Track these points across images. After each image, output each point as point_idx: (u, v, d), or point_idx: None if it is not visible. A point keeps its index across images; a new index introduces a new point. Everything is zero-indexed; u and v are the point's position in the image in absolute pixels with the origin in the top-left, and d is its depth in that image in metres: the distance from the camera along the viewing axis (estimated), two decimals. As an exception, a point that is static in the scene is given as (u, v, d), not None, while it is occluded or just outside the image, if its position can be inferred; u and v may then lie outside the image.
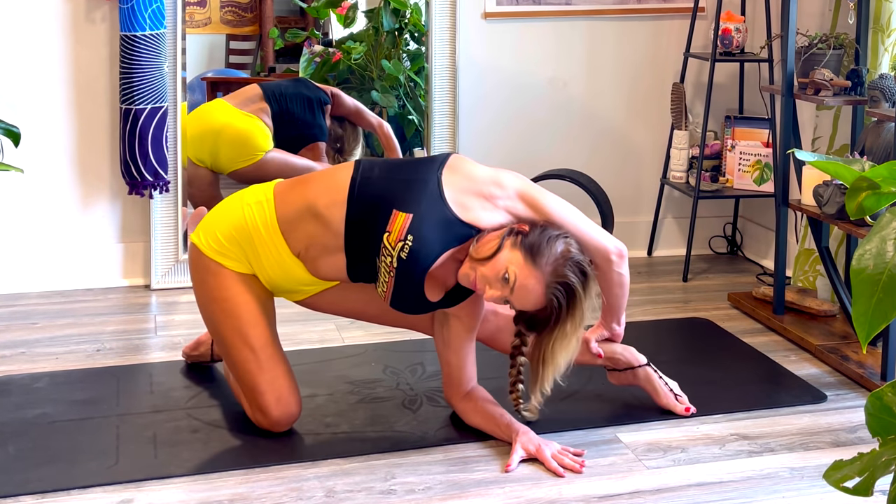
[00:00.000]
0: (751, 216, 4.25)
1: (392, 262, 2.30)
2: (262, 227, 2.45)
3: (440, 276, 2.39)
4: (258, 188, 2.54)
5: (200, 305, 2.57)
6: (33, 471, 2.36)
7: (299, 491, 2.30)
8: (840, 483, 1.32)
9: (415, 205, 2.30)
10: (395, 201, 2.32)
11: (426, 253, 2.30)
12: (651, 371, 2.71)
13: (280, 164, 3.82)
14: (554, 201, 2.39)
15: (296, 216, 2.44)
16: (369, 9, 4.16)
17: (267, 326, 2.52)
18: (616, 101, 4.12)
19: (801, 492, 2.33)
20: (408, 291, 2.36)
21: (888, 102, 3.09)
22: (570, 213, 2.39)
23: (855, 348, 3.10)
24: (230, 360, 2.53)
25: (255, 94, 3.89)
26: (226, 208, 2.54)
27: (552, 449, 2.43)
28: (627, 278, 2.48)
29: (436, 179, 2.34)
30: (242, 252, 2.48)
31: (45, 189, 3.63)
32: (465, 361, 2.55)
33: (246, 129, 3.84)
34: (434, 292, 2.40)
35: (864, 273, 1.31)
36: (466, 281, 2.32)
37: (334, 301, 2.60)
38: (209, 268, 2.50)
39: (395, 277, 2.33)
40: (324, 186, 2.45)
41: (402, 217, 2.29)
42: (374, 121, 4.02)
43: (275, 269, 2.48)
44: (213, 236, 2.50)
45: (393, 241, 2.29)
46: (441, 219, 2.31)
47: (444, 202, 2.32)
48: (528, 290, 2.27)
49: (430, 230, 2.29)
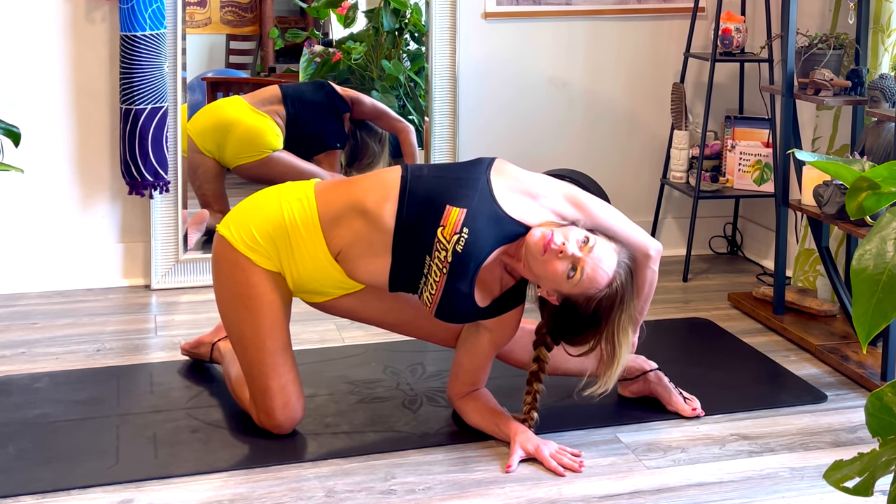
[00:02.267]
0: (751, 216, 4.25)
1: (447, 257, 2.32)
2: (302, 224, 2.43)
3: (488, 279, 2.40)
4: (296, 186, 2.52)
5: (221, 299, 2.53)
6: (33, 471, 2.36)
7: (299, 491, 2.30)
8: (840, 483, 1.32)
9: (468, 200, 2.34)
10: (448, 197, 2.35)
11: (481, 246, 2.32)
12: (662, 374, 2.72)
13: (286, 166, 3.83)
14: (597, 201, 2.45)
15: (340, 214, 2.42)
16: (369, 9, 4.16)
17: (286, 331, 2.51)
18: (616, 101, 4.12)
19: (801, 492, 2.33)
20: (459, 291, 2.35)
21: (888, 102, 3.09)
22: (613, 212, 2.46)
23: (855, 348, 3.10)
24: (244, 357, 2.51)
25: (273, 96, 3.90)
26: (261, 203, 2.50)
27: (550, 448, 2.43)
28: (656, 279, 2.52)
29: (485, 179, 2.38)
30: (275, 249, 2.45)
31: (45, 189, 3.63)
32: (477, 369, 2.56)
33: (256, 125, 3.85)
34: (482, 297, 2.41)
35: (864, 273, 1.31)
36: (538, 244, 2.29)
37: (353, 307, 2.59)
38: (238, 262, 2.46)
39: (449, 273, 2.33)
40: (371, 185, 2.45)
41: (457, 212, 2.32)
42: (398, 125, 4.03)
43: (308, 269, 2.45)
44: (246, 230, 2.46)
45: (448, 234, 2.31)
46: (492, 215, 2.34)
47: (493, 199, 2.36)
48: (604, 257, 2.30)
49: (483, 224, 2.33)
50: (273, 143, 3.86)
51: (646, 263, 2.46)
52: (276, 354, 2.48)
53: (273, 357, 2.48)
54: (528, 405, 2.52)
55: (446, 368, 2.67)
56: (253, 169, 3.84)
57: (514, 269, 2.43)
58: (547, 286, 2.35)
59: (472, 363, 2.55)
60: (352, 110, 3.98)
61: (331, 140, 3.99)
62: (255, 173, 3.85)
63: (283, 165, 3.83)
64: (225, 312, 2.53)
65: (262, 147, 3.85)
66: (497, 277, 2.43)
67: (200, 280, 3.70)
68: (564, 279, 2.29)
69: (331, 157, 4.02)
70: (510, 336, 2.53)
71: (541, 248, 2.28)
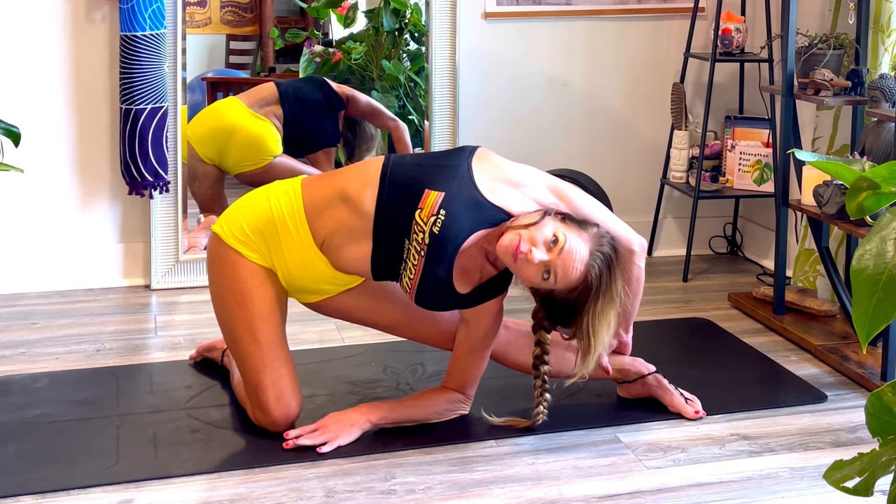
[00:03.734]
0: (751, 216, 4.25)
1: (424, 239, 2.33)
2: (289, 215, 2.46)
3: (468, 266, 2.40)
4: (285, 181, 2.55)
5: (214, 296, 2.55)
6: (33, 471, 2.36)
7: (299, 491, 2.30)
8: (840, 483, 1.32)
9: (446, 185, 2.36)
10: (427, 182, 2.37)
11: (458, 229, 2.33)
12: (661, 376, 2.72)
13: (287, 171, 3.82)
14: (580, 194, 2.47)
15: (324, 203, 2.45)
16: (369, 9, 4.16)
17: (278, 324, 2.52)
18: (616, 101, 4.12)
19: (801, 492, 2.33)
20: (437, 275, 2.36)
21: (888, 102, 3.09)
22: (596, 206, 2.46)
23: (855, 348, 3.10)
24: (237, 353, 2.52)
25: (270, 96, 3.89)
26: (251, 200, 2.53)
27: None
28: (643, 275, 2.53)
29: (466, 166, 2.40)
30: (265, 244, 2.47)
31: (45, 189, 3.63)
32: (461, 367, 2.56)
33: (258, 132, 3.85)
34: (462, 284, 2.41)
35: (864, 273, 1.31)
36: (507, 250, 2.29)
37: (348, 308, 2.60)
38: (228, 257, 2.48)
39: (427, 257, 2.34)
40: (354, 174, 2.49)
41: (434, 195, 2.34)
42: (392, 123, 4.03)
43: (296, 263, 2.47)
44: (236, 226, 2.49)
45: (425, 216, 2.33)
46: (472, 199, 2.36)
47: (474, 186, 2.37)
48: (574, 255, 2.29)
49: (461, 208, 2.34)
50: (274, 149, 3.86)
51: (631, 259, 2.47)
52: (266, 348, 2.48)
53: (264, 350, 2.48)
54: (539, 388, 2.52)
55: (446, 368, 2.67)
56: (254, 176, 3.84)
57: (496, 260, 2.42)
58: (527, 284, 2.38)
59: (456, 361, 2.56)
60: (347, 107, 3.98)
61: (328, 139, 3.99)
62: (257, 180, 3.84)
63: (284, 171, 3.83)
64: (219, 311, 2.55)
65: (263, 155, 3.85)
66: (478, 265, 2.42)
67: (200, 280, 3.70)
68: (540, 280, 2.32)
69: (327, 154, 4.02)
70: (489, 329, 2.51)
71: (511, 256, 2.29)
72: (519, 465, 2.42)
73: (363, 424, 2.52)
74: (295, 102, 3.91)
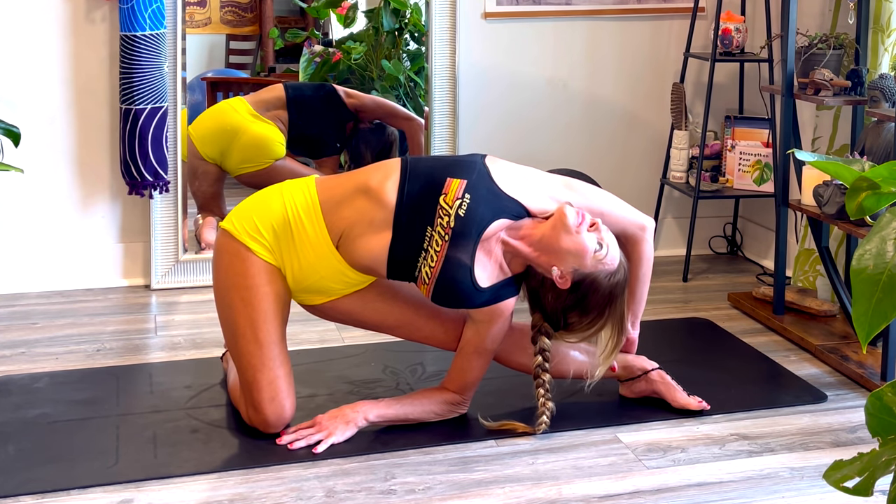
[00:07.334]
0: (751, 216, 4.25)
1: (449, 223, 2.39)
2: (303, 211, 2.47)
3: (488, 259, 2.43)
4: (297, 180, 2.58)
5: (218, 290, 2.54)
6: (33, 471, 2.36)
7: (299, 491, 2.30)
8: (840, 483, 1.32)
9: (467, 175, 2.45)
10: (448, 172, 2.46)
11: (482, 213, 2.40)
12: (664, 372, 2.74)
13: (288, 173, 3.82)
14: (589, 186, 2.58)
15: (342, 197, 2.48)
16: (369, 9, 4.16)
17: (279, 325, 2.51)
18: (616, 101, 4.12)
19: (801, 492, 2.33)
20: (460, 262, 2.39)
21: (888, 102, 3.09)
22: (605, 195, 2.58)
23: (855, 348, 3.10)
24: (236, 349, 2.51)
25: (277, 100, 3.89)
26: (264, 198, 2.54)
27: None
28: (652, 255, 2.63)
29: (481, 162, 2.49)
30: (277, 242, 2.47)
31: (45, 189, 3.63)
32: (463, 368, 2.56)
33: (262, 134, 3.85)
34: (481, 276, 2.43)
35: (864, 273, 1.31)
36: (574, 217, 2.37)
37: (353, 309, 2.60)
38: (238, 252, 2.48)
39: (451, 241, 2.38)
40: (373, 170, 2.54)
41: (458, 182, 2.43)
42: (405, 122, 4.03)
43: (309, 260, 2.47)
44: (249, 222, 2.49)
45: (451, 200, 2.40)
46: (491, 190, 2.44)
47: (491, 179, 2.45)
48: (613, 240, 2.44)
49: (483, 195, 2.42)
50: (277, 152, 3.86)
51: (643, 237, 2.58)
52: (266, 347, 2.48)
53: (263, 350, 2.48)
54: (542, 396, 2.53)
55: (446, 368, 2.67)
56: (255, 177, 3.84)
57: (513, 259, 2.45)
58: (570, 263, 2.39)
59: (459, 361, 2.56)
60: (358, 118, 3.99)
61: (331, 150, 4.01)
62: (257, 181, 3.84)
63: (285, 173, 3.83)
64: (221, 306, 2.54)
65: (266, 157, 3.85)
66: (497, 259, 2.45)
67: (200, 280, 3.70)
68: (592, 253, 2.38)
69: (331, 160, 4.03)
70: (497, 332, 2.51)
71: (576, 221, 2.37)
72: (519, 465, 2.42)
73: (359, 422, 2.52)
74: (302, 111, 3.91)
